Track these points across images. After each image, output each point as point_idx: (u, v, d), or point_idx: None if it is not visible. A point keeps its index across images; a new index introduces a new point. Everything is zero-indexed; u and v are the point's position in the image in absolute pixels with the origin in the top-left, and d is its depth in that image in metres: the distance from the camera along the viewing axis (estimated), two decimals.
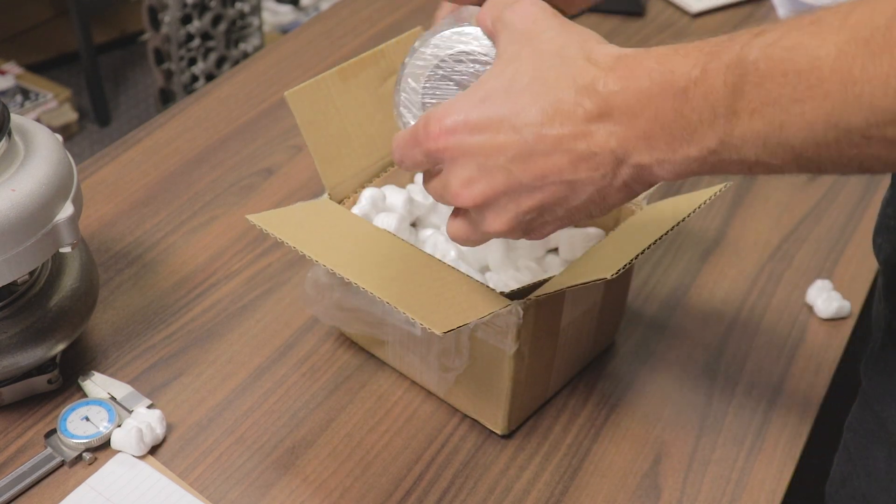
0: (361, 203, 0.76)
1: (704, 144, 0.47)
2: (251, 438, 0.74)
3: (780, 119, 0.44)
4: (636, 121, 0.49)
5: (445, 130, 0.53)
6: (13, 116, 0.70)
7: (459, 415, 0.76)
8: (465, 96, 0.53)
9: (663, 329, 0.85)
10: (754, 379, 0.81)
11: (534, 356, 0.70)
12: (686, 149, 0.48)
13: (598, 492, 0.71)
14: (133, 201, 0.97)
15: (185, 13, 2.36)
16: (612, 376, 0.80)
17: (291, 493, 0.70)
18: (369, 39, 1.26)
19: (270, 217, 0.70)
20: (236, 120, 1.10)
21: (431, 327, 0.58)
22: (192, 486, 0.70)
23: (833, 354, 0.83)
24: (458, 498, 0.70)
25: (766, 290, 0.89)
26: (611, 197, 0.52)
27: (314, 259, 0.65)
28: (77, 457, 0.71)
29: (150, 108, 2.72)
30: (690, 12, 1.37)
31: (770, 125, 0.45)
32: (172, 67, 2.42)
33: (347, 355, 0.81)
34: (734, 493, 0.71)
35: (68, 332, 0.74)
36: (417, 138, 0.54)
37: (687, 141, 0.47)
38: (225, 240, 0.93)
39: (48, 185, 0.68)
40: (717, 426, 0.76)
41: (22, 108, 2.46)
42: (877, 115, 0.41)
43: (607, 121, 0.49)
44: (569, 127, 0.50)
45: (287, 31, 2.73)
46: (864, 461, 0.64)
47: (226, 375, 0.79)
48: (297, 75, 1.18)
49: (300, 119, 0.73)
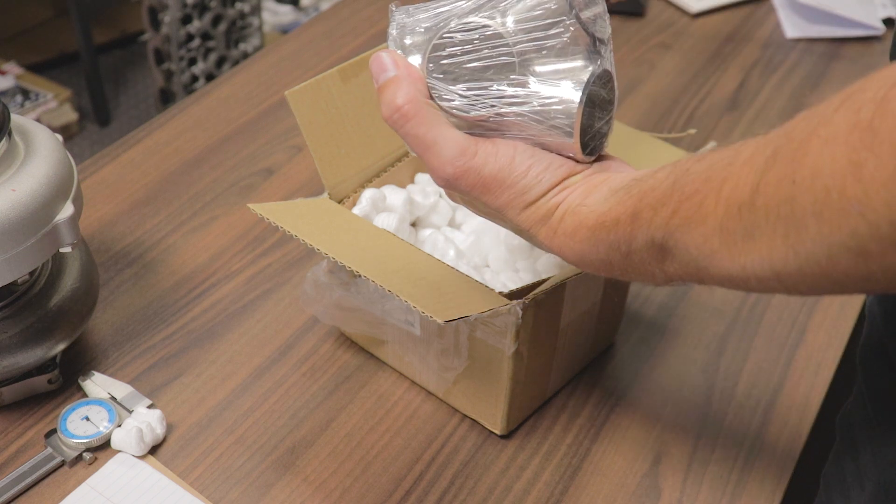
0: (361, 203, 0.76)
1: (665, 282, 0.51)
2: (251, 438, 0.74)
3: (698, 277, 0.47)
4: (597, 269, 0.54)
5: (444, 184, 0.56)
6: (13, 116, 0.70)
7: (459, 415, 0.76)
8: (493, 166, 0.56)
9: (663, 329, 0.85)
10: (754, 379, 0.81)
11: (533, 356, 0.70)
12: (653, 281, 0.52)
13: (598, 492, 0.71)
14: (133, 201, 0.97)
15: (185, 13, 2.36)
16: (612, 376, 0.80)
17: (291, 493, 0.70)
18: (369, 39, 1.26)
19: (272, 208, 0.70)
20: (236, 120, 1.10)
21: (433, 315, 0.58)
22: (192, 485, 0.70)
23: (833, 354, 0.83)
24: (458, 498, 0.70)
25: None
26: None
27: (315, 247, 0.65)
28: (77, 457, 0.71)
29: (150, 108, 2.72)
30: (690, 12, 1.37)
31: (697, 279, 0.47)
32: (172, 67, 2.42)
33: (347, 355, 0.81)
34: (734, 493, 0.71)
35: (68, 332, 0.74)
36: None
37: (651, 280, 0.51)
38: (225, 240, 0.93)
39: (48, 185, 0.68)
40: (717, 426, 0.76)
41: (22, 109, 2.46)
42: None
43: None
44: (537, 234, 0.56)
45: (287, 31, 2.73)
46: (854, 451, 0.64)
47: (226, 375, 0.79)
48: (297, 75, 1.18)
49: (300, 119, 0.73)
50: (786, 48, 1.30)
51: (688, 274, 0.48)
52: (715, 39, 1.31)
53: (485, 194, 0.55)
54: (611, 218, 0.51)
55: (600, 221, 0.52)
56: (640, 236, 0.49)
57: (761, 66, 1.25)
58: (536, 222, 0.55)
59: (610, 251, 0.51)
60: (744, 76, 1.23)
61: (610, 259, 0.52)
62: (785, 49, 1.29)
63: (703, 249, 0.45)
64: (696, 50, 1.29)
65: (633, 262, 0.50)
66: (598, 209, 0.52)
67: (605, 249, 0.52)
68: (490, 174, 0.54)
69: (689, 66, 1.25)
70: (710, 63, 1.26)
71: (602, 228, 0.51)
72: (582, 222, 0.53)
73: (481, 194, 0.55)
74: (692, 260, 0.46)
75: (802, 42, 1.31)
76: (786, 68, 1.25)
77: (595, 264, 0.53)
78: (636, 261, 0.50)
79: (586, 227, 0.52)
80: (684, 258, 0.46)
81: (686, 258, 0.46)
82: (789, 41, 1.31)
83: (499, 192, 0.54)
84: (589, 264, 0.54)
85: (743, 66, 1.25)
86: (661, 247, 0.48)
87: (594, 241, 0.52)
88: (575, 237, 0.53)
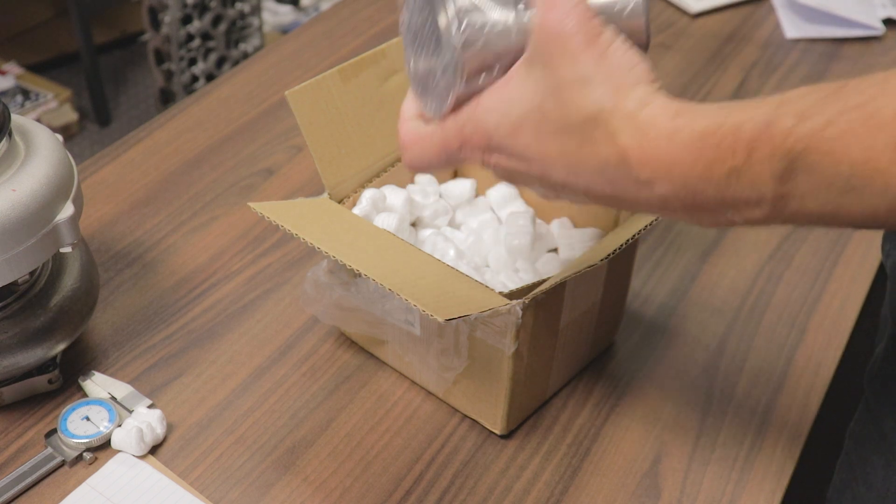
0: (362, 203, 0.76)
1: (751, 215, 0.45)
2: (251, 438, 0.74)
3: (836, 202, 0.42)
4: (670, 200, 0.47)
5: (480, 149, 0.52)
6: (14, 117, 0.70)
7: (459, 415, 0.76)
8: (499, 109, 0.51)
9: (663, 329, 0.85)
10: (754, 379, 0.81)
11: (533, 356, 0.71)
12: (731, 217, 0.46)
13: (598, 492, 0.71)
14: (133, 201, 0.97)
15: (186, 13, 2.36)
16: (612, 376, 0.80)
17: (292, 493, 0.70)
18: (369, 39, 1.26)
19: (272, 207, 0.70)
20: (236, 120, 1.10)
21: (434, 314, 0.58)
22: (192, 485, 0.70)
23: (833, 354, 0.83)
24: (458, 498, 0.70)
25: (766, 290, 0.89)
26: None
27: (315, 246, 0.65)
28: (77, 456, 0.71)
29: (150, 108, 2.73)
30: (690, 12, 1.37)
31: (824, 207, 0.43)
32: (172, 68, 2.42)
33: (347, 355, 0.81)
34: (734, 493, 0.71)
35: (69, 332, 0.74)
36: (447, 144, 0.53)
37: (733, 212, 0.46)
38: (225, 240, 0.93)
39: (49, 186, 0.68)
40: (716, 426, 0.76)
41: (22, 109, 2.46)
42: None
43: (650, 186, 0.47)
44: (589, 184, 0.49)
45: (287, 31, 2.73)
46: (864, 469, 0.64)
47: (226, 375, 0.79)
48: (298, 75, 1.18)
49: (300, 119, 0.73)
50: (786, 48, 1.30)
51: (815, 199, 0.43)
52: (715, 39, 1.31)
53: (586, 50, 0.47)
54: (731, 122, 0.44)
55: (715, 125, 0.45)
56: (765, 148, 0.43)
57: (761, 66, 1.25)
58: (626, 115, 0.47)
59: (712, 165, 0.44)
60: (744, 76, 1.23)
61: (707, 175, 0.45)
62: (785, 49, 1.29)
63: (863, 168, 0.40)
64: (696, 50, 1.29)
65: (734, 185, 0.44)
66: (710, 113, 0.45)
67: (706, 163, 0.45)
68: (607, 40, 0.48)
69: (689, 67, 1.25)
70: (710, 63, 1.26)
71: (713, 135, 0.44)
72: (686, 125, 0.45)
73: (582, 51, 0.47)
74: (840, 179, 0.41)
75: (802, 42, 1.31)
76: (786, 68, 1.25)
77: (679, 183, 0.46)
78: (741, 182, 0.44)
79: (691, 130, 0.45)
80: (826, 177, 0.42)
81: (829, 177, 0.42)
82: (789, 41, 1.31)
83: (600, 59, 0.47)
84: (670, 181, 0.46)
85: (743, 66, 1.25)
86: (791, 163, 0.42)
87: (697, 147, 0.45)
88: (673, 140, 0.45)
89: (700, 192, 0.45)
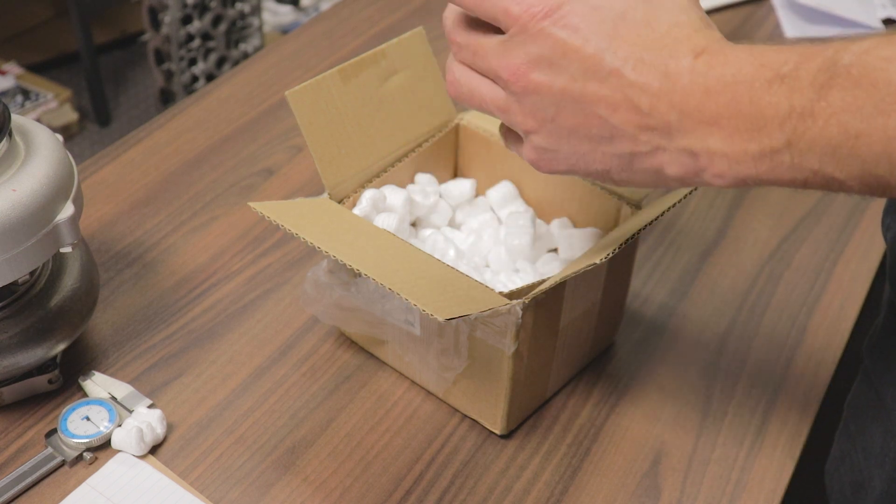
0: (362, 203, 0.76)
1: (768, 143, 0.46)
2: (251, 438, 0.74)
3: (858, 128, 0.43)
4: (706, 102, 0.48)
5: (542, 8, 0.50)
6: (14, 117, 0.70)
7: (459, 414, 0.76)
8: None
9: (663, 329, 0.85)
10: (754, 379, 0.81)
11: (533, 356, 0.71)
12: (746, 143, 0.47)
13: (598, 492, 0.71)
14: (133, 201, 0.97)
15: (186, 13, 2.36)
16: (612, 376, 0.80)
17: (292, 493, 0.70)
18: (369, 39, 1.26)
19: (273, 207, 0.70)
20: (236, 120, 1.10)
21: (434, 313, 0.58)
22: (192, 485, 0.70)
23: (833, 354, 0.83)
24: (458, 498, 0.70)
25: (766, 290, 0.89)
26: (638, 169, 0.52)
27: (315, 246, 0.65)
28: (77, 456, 0.71)
29: (150, 108, 2.73)
30: None
31: (845, 134, 0.43)
32: (173, 68, 2.42)
33: (347, 355, 0.81)
34: (734, 493, 0.71)
35: (69, 332, 0.74)
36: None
37: (751, 135, 0.46)
38: (225, 240, 0.93)
39: (49, 185, 0.68)
40: (716, 426, 0.76)
41: (22, 109, 2.46)
42: None
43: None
44: (644, 79, 0.49)
45: (287, 31, 2.73)
46: (862, 438, 0.64)
47: (226, 375, 0.79)
48: (298, 76, 1.18)
49: (300, 119, 0.73)
50: None
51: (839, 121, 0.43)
52: None
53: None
54: (784, 45, 0.47)
55: (765, 48, 0.47)
56: (817, 59, 0.45)
57: None
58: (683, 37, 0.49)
59: (761, 70, 0.46)
60: None
61: (754, 79, 0.46)
62: None
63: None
64: None
65: (775, 92, 0.45)
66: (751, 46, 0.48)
67: (755, 68, 0.47)
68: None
69: None
70: None
71: (769, 50, 0.47)
72: (738, 48, 0.48)
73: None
74: (872, 101, 0.42)
75: (802, 42, 1.31)
76: None
77: (727, 93, 0.47)
78: (783, 89, 0.45)
79: (747, 49, 0.48)
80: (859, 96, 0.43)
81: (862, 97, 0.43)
82: (789, 41, 1.31)
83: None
84: (719, 91, 0.47)
85: None
86: (832, 77, 0.44)
87: (751, 58, 0.47)
88: (729, 56, 0.48)
89: (735, 95, 0.47)
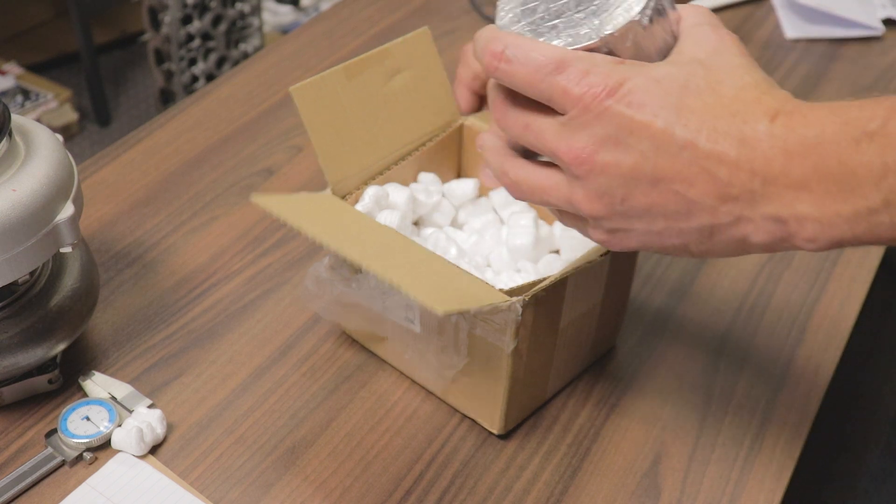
0: (364, 200, 0.76)
1: (863, 203, 0.44)
2: (251, 438, 0.74)
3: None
4: (791, 166, 0.46)
5: (605, 87, 0.48)
6: (14, 117, 0.70)
7: (459, 414, 0.76)
8: (636, 65, 0.50)
9: (663, 329, 0.85)
10: (754, 379, 0.81)
11: (532, 355, 0.71)
12: (839, 205, 0.45)
13: (598, 492, 0.71)
14: (133, 201, 0.97)
15: (186, 14, 2.36)
16: (612, 376, 0.80)
17: (292, 493, 0.70)
18: (370, 39, 1.26)
19: (275, 201, 0.70)
20: (236, 120, 1.10)
21: (433, 306, 0.58)
22: (192, 485, 0.70)
23: (833, 354, 0.83)
24: (458, 497, 0.70)
25: (766, 290, 0.89)
26: (719, 241, 0.50)
27: (316, 239, 0.65)
28: (77, 456, 0.71)
29: (150, 108, 2.73)
30: None
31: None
32: (172, 68, 2.42)
33: (348, 355, 0.81)
34: (734, 493, 0.71)
35: (69, 332, 0.74)
36: (560, 70, 0.49)
37: (844, 197, 0.45)
38: (225, 240, 0.93)
39: (49, 185, 0.68)
40: (716, 426, 0.76)
41: (22, 109, 2.46)
42: None
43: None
44: (720, 148, 0.47)
45: (287, 31, 2.73)
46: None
47: (226, 375, 0.79)
48: (298, 76, 1.18)
49: (304, 115, 0.73)
50: (785, 48, 1.30)
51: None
52: None
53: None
54: (862, 100, 0.46)
55: (845, 104, 0.46)
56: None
57: (761, 66, 1.25)
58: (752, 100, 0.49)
59: (846, 128, 0.45)
60: None
61: (839, 138, 0.45)
62: (785, 49, 1.30)
63: None
64: None
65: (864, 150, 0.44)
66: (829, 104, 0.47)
67: (839, 127, 0.45)
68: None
69: None
70: None
71: (851, 106, 0.46)
72: (816, 107, 0.47)
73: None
74: None
75: (802, 42, 1.31)
76: (786, 68, 1.25)
77: (811, 155, 0.45)
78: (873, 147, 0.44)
79: (826, 107, 0.47)
80: None
81: None
82: (789, 41, 1.31)
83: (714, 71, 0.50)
84: (803, 153, 0.46)
85: None
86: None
87: (833, 116, 0.46)
88: (808, 117, 0.47)
89: (822, 157, 0.45)
